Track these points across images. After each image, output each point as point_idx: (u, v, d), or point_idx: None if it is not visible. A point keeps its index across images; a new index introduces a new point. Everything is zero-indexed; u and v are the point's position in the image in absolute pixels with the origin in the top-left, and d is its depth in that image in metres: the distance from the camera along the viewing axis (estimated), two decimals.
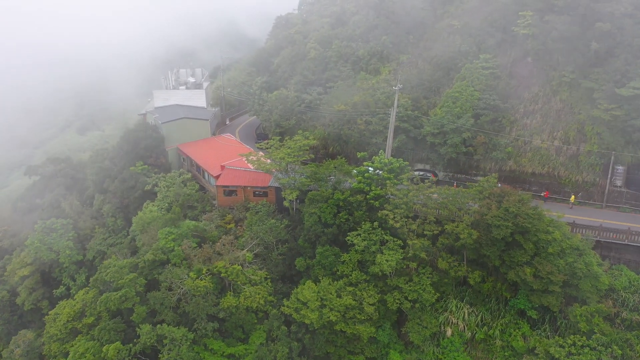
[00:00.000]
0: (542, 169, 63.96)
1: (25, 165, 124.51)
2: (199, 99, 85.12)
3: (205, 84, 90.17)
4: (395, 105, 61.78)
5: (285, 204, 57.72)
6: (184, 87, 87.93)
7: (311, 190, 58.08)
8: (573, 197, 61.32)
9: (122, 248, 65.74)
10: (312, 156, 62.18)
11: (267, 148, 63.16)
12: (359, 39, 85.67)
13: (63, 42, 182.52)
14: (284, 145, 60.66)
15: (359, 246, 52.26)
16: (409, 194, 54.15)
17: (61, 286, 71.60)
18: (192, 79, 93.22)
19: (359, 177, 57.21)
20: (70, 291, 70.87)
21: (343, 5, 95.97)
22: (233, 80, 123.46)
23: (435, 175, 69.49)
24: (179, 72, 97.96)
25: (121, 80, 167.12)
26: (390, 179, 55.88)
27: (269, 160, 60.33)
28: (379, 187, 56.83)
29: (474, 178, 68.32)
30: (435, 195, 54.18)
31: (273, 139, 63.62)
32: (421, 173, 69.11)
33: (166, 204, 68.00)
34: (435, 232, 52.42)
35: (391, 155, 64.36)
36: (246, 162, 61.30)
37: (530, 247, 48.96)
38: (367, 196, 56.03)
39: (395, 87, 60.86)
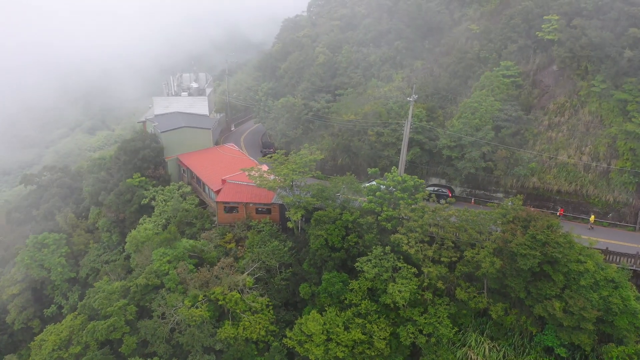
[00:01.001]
0: (568, 187, 58.80)
1: (40, 165, 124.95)
2: (201, 106, 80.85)
3: (208, 90, 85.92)
4: (410, 117, 57.02)
5: (290, 225, 53.13)
6: (186, 93, 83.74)
7: (318, 210, 53.54)
8: (593, 217, 56.23)
9: (116, 267, 61.63)
10: (319, 172, 57.53)
11: (272, 162, 58.70)
12: (370, 44, 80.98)
13: (69, 44, 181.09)
14: (288, 160, 56.13)
15: (369, 274, 47.60)
16: (425, 216, 49.39)
17: (52, 305, 67.89)
18: (195, 85, 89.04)
19: (370, 197, 52.56)
20: (62, 310, 67.09)
21: (354, 7, 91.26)
22: (240, 83, 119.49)
23: (452, 191, 64.59)
24: (182, 77, 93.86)
25: (126, 82, 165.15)
26: (404, 199, 51.18)
27: (272, 177, 55.82)
28: (392, 207, 52.19)
29: (494, 195, 63.57)
30: (453, 218, 49.37)
31: (278, 152, 59.10)
32: (436, 189, 64.29)
33: (163, 220, 63.94)
34: (454, 258, 47.62)
35: (404, 171, 59.65)
36: (248, 177, 56.78)
37: (560, 278, 43.98)
38: (379, 217, 51.40)
39: (410, 97, 56.05)
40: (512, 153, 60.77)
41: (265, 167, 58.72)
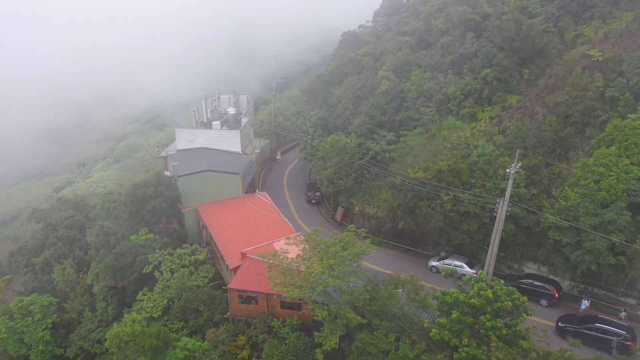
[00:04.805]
0: None
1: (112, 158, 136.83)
2: (232, 142, 65.82)
3: (244, 120, 70.79)
4: (507, 196, 38.85)
5: (319, 356, 36.21)
6: (218, 122, 69.04)
7: (362, 328, 36.66)
8: None
9: None
10: (375, 237, 40.49)
11: (306, 242, 42.12)
12: (448, 70, 62.91)
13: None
14: (328, 247, 39.15)
15: None
16: None
17: None
18: (232, 110, 74.31)
19: (442, 320, 34.94)
20: None
21: (429, 20, 73.22)
22: (293, 100, 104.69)
23: (558, 289, 45.65)
24: (220, 100, 79.51)
25: (192, 85, 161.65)
26: (497, 328, 33.24)
27: (302, 269, 39.32)
28: (474, 335, 34.37)
29: (622, 298, 44.19)
30: None
31: (314, 230, 42.53)
32: (533, 283, 45.73)
33: (165, 300, 49.31)
34: None
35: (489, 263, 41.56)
36: (266, 276, 40.60)
37: None
38: (455, 355, 33.76)
39: (510, 168, 37.78)
40: None
41: (295, 250, 42.28)
